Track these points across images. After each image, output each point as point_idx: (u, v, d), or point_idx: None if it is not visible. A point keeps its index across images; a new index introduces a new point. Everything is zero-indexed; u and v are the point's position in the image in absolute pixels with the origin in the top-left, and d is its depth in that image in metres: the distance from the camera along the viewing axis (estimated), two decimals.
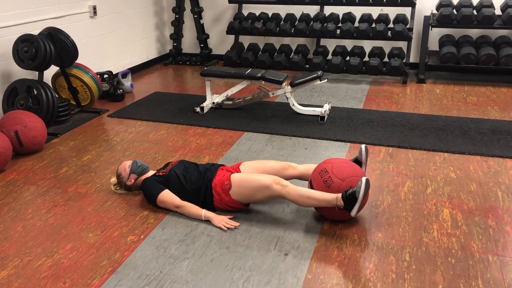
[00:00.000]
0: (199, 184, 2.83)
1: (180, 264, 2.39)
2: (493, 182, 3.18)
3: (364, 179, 2.47)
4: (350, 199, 2.49)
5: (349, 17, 5.89)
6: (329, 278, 2.27)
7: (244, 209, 2.85)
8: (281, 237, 2.60)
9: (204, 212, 2.75)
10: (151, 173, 3.06)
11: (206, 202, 2.84)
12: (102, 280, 2.28)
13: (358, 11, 6.01)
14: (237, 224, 2.70)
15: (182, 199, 2.85)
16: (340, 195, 2.53)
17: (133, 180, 3.02)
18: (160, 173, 2.95)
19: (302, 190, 2.61)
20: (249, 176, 2.74)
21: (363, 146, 2.92)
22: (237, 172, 2.89)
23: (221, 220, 2.71)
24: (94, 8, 5.29)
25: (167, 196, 2.83)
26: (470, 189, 3.09)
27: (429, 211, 2.83)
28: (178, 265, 2.39)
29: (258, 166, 2.93)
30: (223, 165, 3.00)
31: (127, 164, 3.06)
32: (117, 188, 3.13)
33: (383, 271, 2.32)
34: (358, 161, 2.94)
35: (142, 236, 2.63)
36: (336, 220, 2.74)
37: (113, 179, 3.15)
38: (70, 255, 2.48)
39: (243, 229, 2.68)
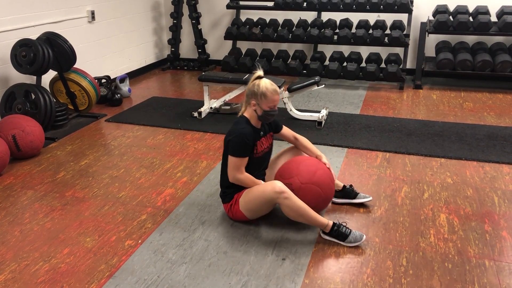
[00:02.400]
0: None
1: (178, 269, 2.39)
2: (489, 187, 3.19)
3: (364, 237, 2.56)
4: (339, 235, 2.56)
5: (346, 23, 5.92)
6: (326, 283, 2.27)
7: None
8: (279, 242, 2.60)
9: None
10: (257, 125, 2.75)
11: (226, 195, 2.78)
12: (99, 285, 2.28)
13: (355, 17, 6.05)
14: None
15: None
16: (331, 223, 2.57)
17: (254, 107, 2.68)
18: (256, 146, 2.71)
19: (297, 204, 2.53)
20: (253, 188, 2.67)
21: (369, 198, 2.96)
22: None
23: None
24: (93, 13, 5.30)
25: (243, 163, 2.63)
26: (466, 194, 3.11)
27: (426, 216, 2.84)
28: (175, 269, 2.39)
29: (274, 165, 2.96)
30: None
31: (279, 98, 2.69)
32: (255, 79, 2.70)
33: (380, 276, 2.32)
34: (351, 191, 2.95)
35: (139, 241, 2.63)
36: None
37: (261, 73, 2.73)
38: (68, 260, 2.48)
39: (240, 234, 2.68)
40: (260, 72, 2.71)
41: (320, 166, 2.78)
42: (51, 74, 4.61)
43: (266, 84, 2.64)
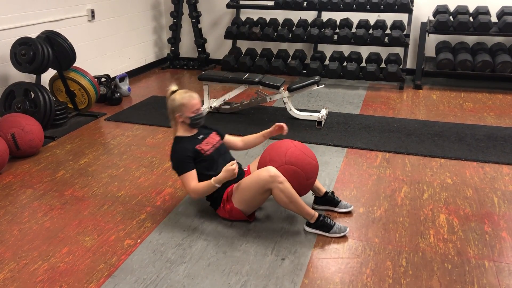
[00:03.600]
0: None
1: (177, 269, 2.39)
2: (489, 188, 3.19)
3: (348, 229, 2.65)
4: (323, 226, 2.63)
5: (346, 23, 5.92)
6: (326, 283, 2.27)
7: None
8: (278, 242, 2.60)
9: (213, 181, 2.59)
10: (193, 132, 2.83)
11: (212, 200, 2.79)
12: (98, 284, 2.28)
13: (355, 17, 6.04)
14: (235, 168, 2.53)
15: (202, 177, 2.75)
16: (317, 214, 2.63)
17: (181, 120, 2.76)
18: (199, 149, 2.74)
19: (290, 190, 2.55)
20: (246, 178, 2.69)
21: (351, 208, 2.92)
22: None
23: (226, 169, 2.55)
24: (92, 11, 5.30)
25: (190, 177, 2.67)
26: (466, 195, 3.10)
27: (425, 217, 2.84)
28: (175, 269, 2.38)
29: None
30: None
31: (198, 107, 2.75)
32: (170, 95, 2.80)
33: (379, 276, 2.32)
34: (333, 198, 2.90)
35: (139, 240, 2.63)
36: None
37: (174, 87, 2.81)
38: (67, 259, 2.47)
39: (240, 234, 2.68)
40: (173, 87, 2.82)
41: (291, 144, 2.74)
42: (50, 72, 4.60)
43: (180, 94, 2.76)
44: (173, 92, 2.80)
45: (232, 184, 2.76)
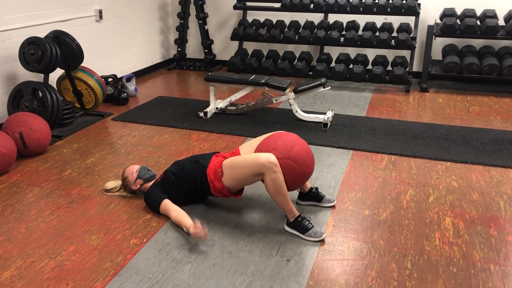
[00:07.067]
0: (194, 172, 2.83)
1: (183, 268, 2.40)
2: (495, 191, 3.18)
3: (323, 236, 2.62)
4: (300, 227, 2.64)
5: (353, 25, 5.92)
6: (331, 285, 2.27)
7: (244, 212, 2.86)
8: (284, 243, 2.60)
9: (188, 224, 2.61)
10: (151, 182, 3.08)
11: (204, 189, 2.83)
12: (104, 283, 2.29)
13: (362, 20, 6.04)
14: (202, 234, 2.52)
15: (182, 191, 2.89)
16: (298, 214, 2.66)
17: (138, 186, 3.04)
18: (158, 180, 2.98)
19: (281, 183, 2.57)
20: (243, 156, 2.73)
21: (334, 202, 3.00)
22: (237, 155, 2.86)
23: (193, 228, 2.55)
24: (100, 12, 5.33)
25: (166, 205, 2.82)
26: (472, 198, 3.10)
27: (431, 220, 2.84)
28: (180, 269, 2.39)
29: (254, 144, 2.88)
30: (217, 152, 3.02)
31: (134, 169, 3.06)
32: (115, 191, 3.15)
33: (384, 278, 2.32)
34: (317, 194, 2.98)
35: (144, 240, 2.64)
36: (338, 226, 2.75)
37: (110, 184, 3.18)
38: (73, 257, 2.49)
39: (245, 234, 2.68)
40: (107, 186, 3.19)
41: (298, 142, 2.76)
42: (58, 72, 4.63)
43: (117, 180, 3.22)
44: (109, 189, 3.16)
45: (211, 165, 2.80)
